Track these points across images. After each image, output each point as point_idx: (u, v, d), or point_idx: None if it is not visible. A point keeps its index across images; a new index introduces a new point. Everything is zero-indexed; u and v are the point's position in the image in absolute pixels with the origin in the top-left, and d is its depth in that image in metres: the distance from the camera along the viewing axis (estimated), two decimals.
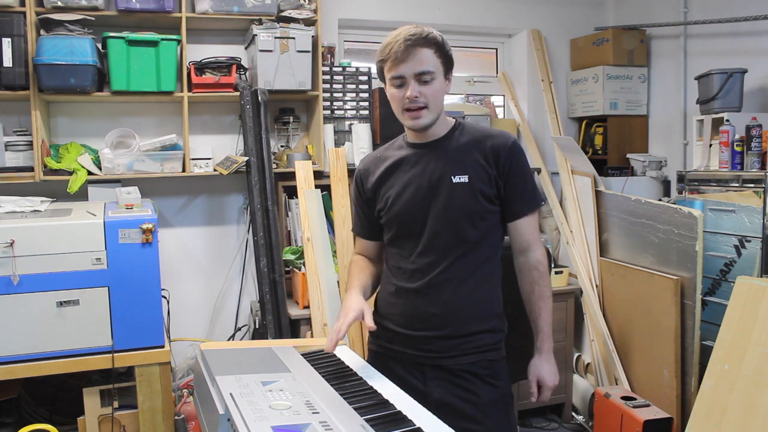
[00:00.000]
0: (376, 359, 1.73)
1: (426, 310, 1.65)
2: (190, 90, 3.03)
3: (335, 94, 3.35)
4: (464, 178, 1.63)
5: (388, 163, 1.74)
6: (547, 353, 1.73)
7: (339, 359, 1.59)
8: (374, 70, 1.81)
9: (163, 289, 2.56)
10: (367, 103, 3.39)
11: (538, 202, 1.72)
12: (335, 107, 3.36)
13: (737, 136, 2.85)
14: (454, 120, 1.74)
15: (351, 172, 3.21)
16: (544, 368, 1.73)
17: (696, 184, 3.04)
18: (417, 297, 1.66)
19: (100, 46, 2.88)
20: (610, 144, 3.72)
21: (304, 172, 3.10)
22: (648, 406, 2.73)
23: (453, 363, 1.64)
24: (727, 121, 2.91)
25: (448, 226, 1.64)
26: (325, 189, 3.16)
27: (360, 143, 3.31)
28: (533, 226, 1.71)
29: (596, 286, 3.40)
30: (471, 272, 1.65)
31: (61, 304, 2.25)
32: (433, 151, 1.68)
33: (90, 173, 2.89)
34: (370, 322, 1.59)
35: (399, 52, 1.57)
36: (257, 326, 3.09)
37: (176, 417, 2.50)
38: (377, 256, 1.84)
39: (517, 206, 1.67)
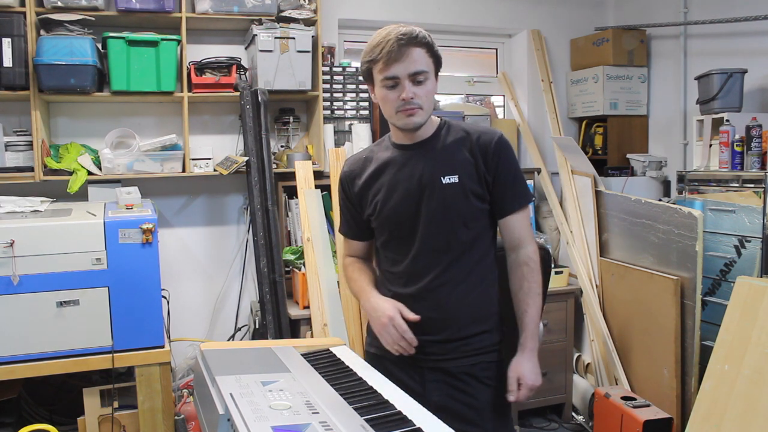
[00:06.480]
0: (374, 361, 1.70)
1: (422, 315, 1.61)
2: (190, 90, 3.03)
3: (335, 94, 3.35)
4: (454, 179, 1.60)
5: (374, 165, 1.71)
6: (530, 352, 1.64)
7: (339, 359, 1.58)
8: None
9: (163, 289, 2.56)
10: (367, 103, 3.39)
11: (528, 197, 1.69)
12: (335, 107, 3.36)
13: (737, 136, 2.85)
14: (440, 119, 1.71)
15: None
16: (525, 366, 1.63)
17: (696, 184, 3.04)
18: (413, 302, 1.63)
19: (100, 46, 2.88)
20: (610, 144, 3.72)
21: (304, 172, 3.10)
22: (648, 406, 2.72)
23: (452, 365, 1.64)
24: (727, 121, 2.91)
25: (440, 228, 1.62)
26: (325, 189, 3.16)
27: (360, 143, 3.30)
28: (524, 222, 1.67)
29: (596, 286, 3.40)
30: (466, 274, 1.64)
31: (61, 304, 2.25)
32: (420, 151, 1.66)
33: (90, 173, 2.89)
34: (411, 315, 1.59)
35: (393, 51, 1.53)
36: (257, 326, 3.09)
37: (176, 417, 2.50)
38: (369, 255, 1.83)
39: (508, 203, 1.65)
